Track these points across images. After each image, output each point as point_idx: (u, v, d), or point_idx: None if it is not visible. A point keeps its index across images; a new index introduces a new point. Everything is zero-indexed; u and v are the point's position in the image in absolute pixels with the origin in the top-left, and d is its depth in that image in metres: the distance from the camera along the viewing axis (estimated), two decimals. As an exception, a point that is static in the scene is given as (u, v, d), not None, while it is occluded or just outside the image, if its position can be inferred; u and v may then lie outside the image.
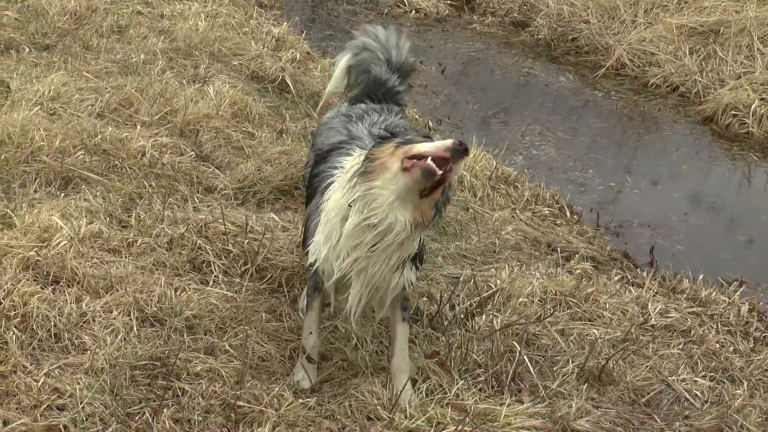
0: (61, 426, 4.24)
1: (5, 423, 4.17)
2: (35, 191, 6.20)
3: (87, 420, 4.30)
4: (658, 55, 11.38)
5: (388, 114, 5.37)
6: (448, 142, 4.18)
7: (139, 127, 7.23)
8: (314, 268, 4.65)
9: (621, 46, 11.64)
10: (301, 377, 4.81)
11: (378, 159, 4.29)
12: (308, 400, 4.63)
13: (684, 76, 10.99)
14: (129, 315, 5.07)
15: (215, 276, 5.62)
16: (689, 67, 11.05)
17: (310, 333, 4.87)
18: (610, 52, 11.70)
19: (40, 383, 4.45)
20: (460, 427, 4.48)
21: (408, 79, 6.00)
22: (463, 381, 4.88)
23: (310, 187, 5.04)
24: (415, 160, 4.16)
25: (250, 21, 10.49)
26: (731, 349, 5.90)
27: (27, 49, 8.66)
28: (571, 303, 5.92)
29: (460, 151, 4.15)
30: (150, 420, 4.34)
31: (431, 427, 4.53)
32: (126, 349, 4.81)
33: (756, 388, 5.50)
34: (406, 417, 4.57)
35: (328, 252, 4.48)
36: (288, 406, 4.52)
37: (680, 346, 5.79)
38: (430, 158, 4.13)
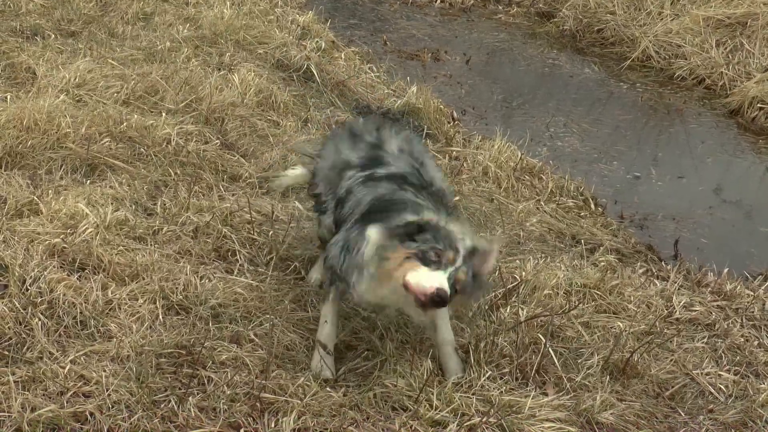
0: (87, 413, 4.25)
1: (32, 410, 4.19)
2: (61, 178, 6.23)
3: (113, 407, 4.31)
4: (684, 47, 11.32)
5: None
6: (430, 289, 4.30)
7: (164, 114, 7.25)
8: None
9: (647, 37, 11.58)
10: (319, 369, 4.81)
11: (388, 262, 4.46)
12: (333, 390, 4.62)
13: (710, 68, 10.93)
14: (154, 303, 5.08)
15: (240, 265, 5.62)
16: (715, 59, 10.98)
17: (326, 322, 4.92)
18: (636, 43, 11.64)
19: (66, 370, 4.47)
20: (484, 419, 4.47)
21: None
22: (488, 372, 4.87)
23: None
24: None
25: (275, 9, 10.52)
26: (756, 343, 5.87)
27: (52, 36, 8.69)
28: (595, 295, 5.89)
29: (435, 301, 4.31)
30: (175, 408, 4.35)
31: (456, 417, 4.52)
32: (151, 336, 4.82)
33: (780, 383, 5.47)
34: (431, 407, 4.57)
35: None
36: (313, 395, 4.52)
37: (705, 340, 5.76)
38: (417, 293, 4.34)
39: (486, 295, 4.93)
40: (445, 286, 4.30)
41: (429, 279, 4.31)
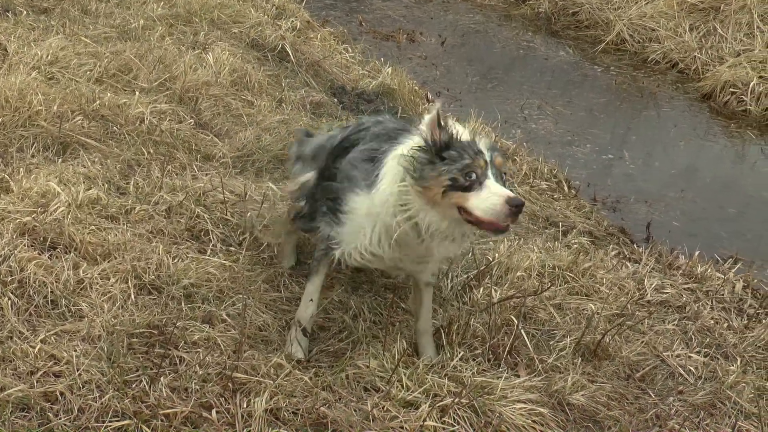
0: (57, 393, 4.22)
1: (2, 389, 4.16)
2: (33, 156, 6.17)
3: (83, 387, 4.28)
4: (658, 31, 11.37)
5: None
6: (505, 206, 4.14)
7: (137, 93, 7.20)
8: (332, 246, 4.75)
9: (621, 21, 11.62)
10: (294, 349, 4.80)
11: (430, 184, 4.28)
12: (305, 371, 4.63)
13: (683, 52, 10.99)
14: (127, 282, 5.04)
15: (213, 245, 5.60)
16: (689, 43, 11.03)
17: (311, 300, 4.88)
18: (611, 27, 11.69)
19: (36, 350, 4.44)
20: (456, 400, 4.49)
21: None
22: (461, 353, 4.89)
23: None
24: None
25: (250, -12, 10.43)
26: (725, 325, 5.92)
27: (24, 12, 8.61)
28: (568, 277, 5.92)
29: (518, 208, 4.16)
30: (147, 388, 4.33)
31: (428, 398, 4.53)
32: (123, 316, 4.79)
33: (749, 365, 5.52)
34: (403, 388, 4.57)
35: (359, 243, 4.60)
36: (285, 376, 4.52)
37: (675, 322, 5.81)
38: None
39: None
40: (506, 191, 4.18)
41: (487, 199, 4.16)
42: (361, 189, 4.54)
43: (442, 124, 4.37)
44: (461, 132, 4.43)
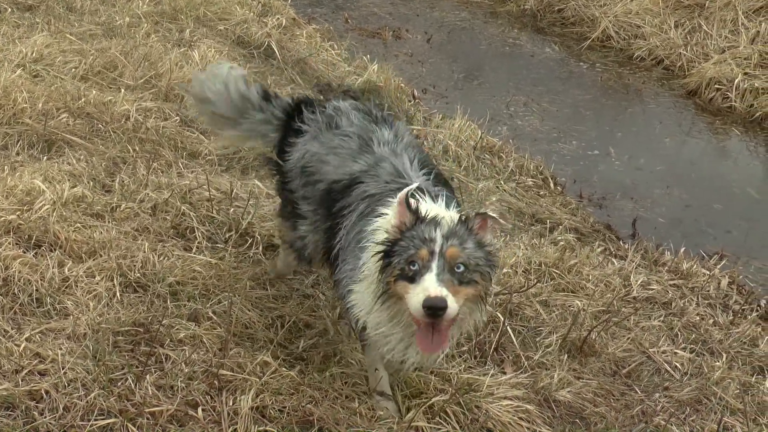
0: (42, 391, 4.21)
1: (-13, 387, 4.16)
2: (17, 154, 6.15)
3: (69, 385, 4.27)
4: (644, 28, 11.38)
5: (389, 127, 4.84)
6: (420, 308, 3.78)
7: (123, 90, 7.18)
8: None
9: (607, 17, 11.64)
10: (387, 414, 4.50)
11: (388, 275, 3.97)
12: (292, 368, 4.62)
13: (669, 49, 11.01)
14: (112, 280, 5.03)
15: (199, 242, 5.59)
16: (674, 40, 11.05)
17: (376, 370, 4.55)
18: (596, 23, 11.70)
19: (21, 348, 4.42)
20: (443, 397, 4.49)
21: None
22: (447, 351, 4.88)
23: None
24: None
25: (236, -15, 10.41)
26: (711, 321, 5.94)
27: (9, 10, 8.57)
28: (554, 274, 5.93)
29: (432, 311, 3.78)
30: (132, 386, 4.32)
31: (415, 396, 4.54)
32: (109, 314, 4.78)
33: (734, 361, 5.54)
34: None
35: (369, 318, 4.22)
36: (272, 374, 4.51)
37: (661, 319, 5.82)
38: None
39: (495, 268, 4.12)
40: (434, 290, 3.77)
41: (416, 295, 3.81)
42: (356, 282, 4.26)
43: (411, 206, 4.02)
44: (428, 212, 4.05)
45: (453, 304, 3.79)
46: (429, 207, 4.12)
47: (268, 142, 5.21)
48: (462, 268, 3.88)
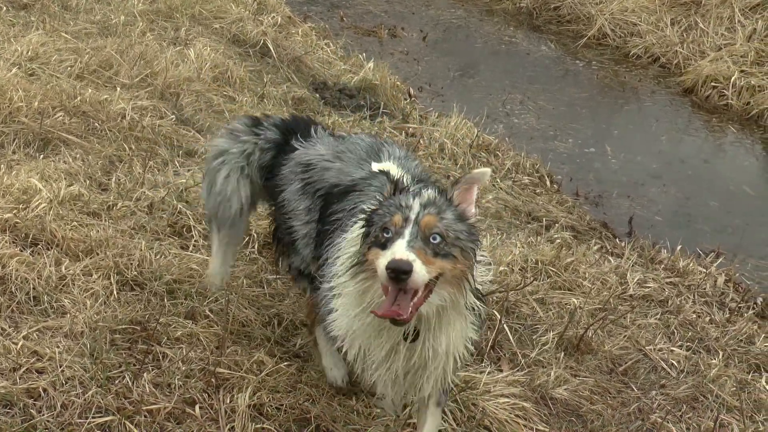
0: (40, 389, 4.20)
1: (-16, 385, 4.15)
2: (13, 152, 6.14)
3: (66, 383, 4.27)
4: (640, 26, 11.40)
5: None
6: (383, 269, 3.45)
7: (119, 89, 7.17)
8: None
9: (603, 15, 11.65)
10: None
11: (369, 260, 3.66)
12: (289, 366, 4.62)
13: (665, 47, 11.03)
14: (109, 278, 5.02)
15: (195, 241, 5.59)
16: (670, 38, 11.07)
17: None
18: (592, 21, 11.72)
19: (18, 346, 4.41)
20: (439, 394, 4.49)
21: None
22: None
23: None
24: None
25: (231, -17, 10.41)
26: (707, 319, 5.95)
27: (4, 8, 8.55)
28: (551, 272, 5.94)
29: (394, 275, 3.44)
30: (130, 384, 4.32)
31: (411, 393, 4.54)
32: (106, 312, 4.77)
33: (731, 358, 5.55)
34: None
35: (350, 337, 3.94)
36: (269, 372, 4.51)
37: (658, 316, 5.83)
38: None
39: (476, 244, 3.74)
40: (400, 253, 3.46)
41: (384, 259, 3.50)
42: (335, 298, 4.00)
43: (391, 177, 3.91)
44: (409, 184, 3.89)
45: (421, 270, 3.46)
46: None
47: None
48: (438, 239, 3.57)
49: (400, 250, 3.47)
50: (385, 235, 3.60)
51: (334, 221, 4.21)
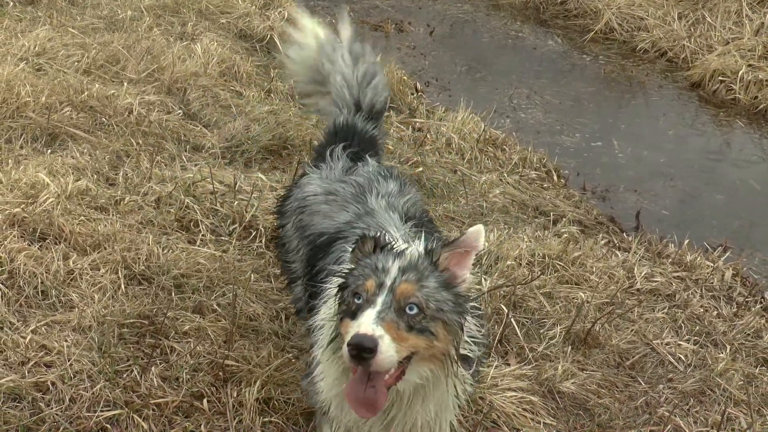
0: (48, 383, 4.23)
1: (-7, 379, 4.17)
2: (21, 147, 6.16)
3: (75, 377, 4.29)
4: (647, 20, 11.37)
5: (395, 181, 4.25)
6: (349, 340, 3.06)
7: (126, 84, 7.19)
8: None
9: (610, 10, 11.62)
10: None
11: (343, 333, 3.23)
12: (297, 360, 4.63)
13: (672, 41, 10.99)
14: (117, 273, 5.04)
15: (203, 235, 5.60)
16: (678, 32, 11.04)
17: None
18: (599, 15, 11.68)
19: (27, 340, 4.44)
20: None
21: (381, 120, 4.87)
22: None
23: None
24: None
25: (238, -21, 10.41)
26: (715, 313, 5.94)
27: (11, 4, 8.57)
28: (558, 266, 5.93)
29: (354, 355, 3.04)
30: (138, 378, 4.34)
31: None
32: (114, 306, 4.79)
33: (738, 352, 5.54)
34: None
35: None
36: (276, 365, 4.52)
37: (665, 310, 5.82)
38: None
39: (464, 317, 3.30)
40: (365, 327, 3.04)
41: (349, 334, 3.09)
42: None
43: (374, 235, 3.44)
44: (393, 243, 3.41)
45: (388, 350, 3.02)
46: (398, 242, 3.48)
47: None
48: (415, 311, 3.13)
49: (366, 322, 3.04)
50: (356, 301, 3.18)
51: (321, 280, 3.73)
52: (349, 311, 3.16)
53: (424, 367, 3.24)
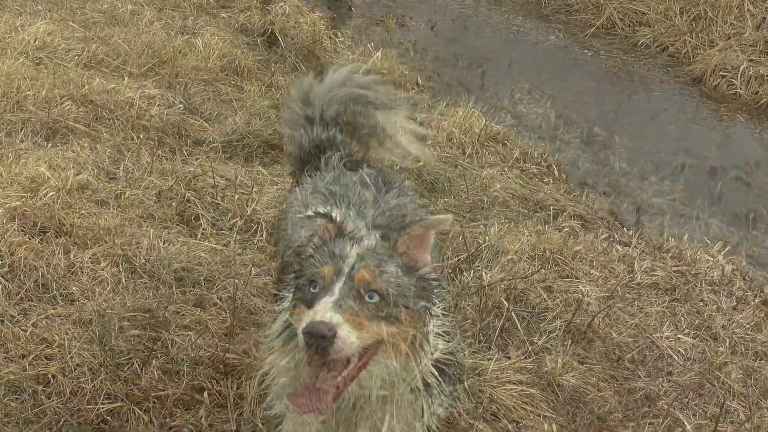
0: (49, 375, 4.24)
1: (-6, 372, 4.18)
2: (21, 141, 6.16)
3: (75, 370, 4.30)
4: (649, 15, 11.36)
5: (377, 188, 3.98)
6: (304, 328, 2.86)
7: (126, 78, 7.19)
8: None
9: (611, 4, 11.61)
10: None
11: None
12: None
13: (674, 36, 10.99)
14: (117, 266, 5.05)
15: (204, 229, 5.61)
16: (679, 27, 11.03)
17: None
18: (601, 10, 11.68)
19: (27, 333, 4.45)
20: (447, 381, 4.49)
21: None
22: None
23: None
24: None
25: (239, -27, 10.41)
26: (714, 307, 5.93)
27: (12, -3, 8.59)
28: (558, 260, 5.93)
29: (309, 344, 2.84)
30: (138, 370, 4.35)
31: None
32: (114, 300, 4.80)
33: (737, 346, 5.54)
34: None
35: None
36: (276, 358, 4.52)
37: (665, 304, 5.82)
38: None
39: (430, 301, 3.15)
40: (321, 314, 2.86)
41: (305, 321, 2.89)
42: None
43: (333, 217, 3.24)
44: (354, 229, 3.27)
45: (348, 337, 2.85)
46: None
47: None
48: (376, 298, 2.96)
49: (322, 309, 2.87)
50: (311, 290, 3.01)
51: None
52: (305, 299, 3.01)
53: (391, 360, 3.03)
